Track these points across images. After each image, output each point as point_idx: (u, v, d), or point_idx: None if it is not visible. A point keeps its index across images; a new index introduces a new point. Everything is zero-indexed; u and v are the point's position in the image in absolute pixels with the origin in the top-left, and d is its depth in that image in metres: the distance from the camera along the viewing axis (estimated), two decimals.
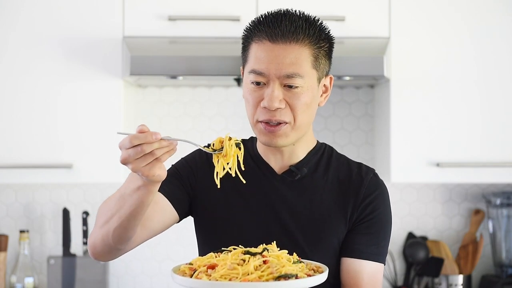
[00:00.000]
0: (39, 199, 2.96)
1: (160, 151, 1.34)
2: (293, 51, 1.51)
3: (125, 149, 1.34)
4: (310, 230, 1.58)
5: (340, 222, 1.59)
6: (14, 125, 2.62)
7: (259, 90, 1.53)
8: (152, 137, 1.33)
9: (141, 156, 1.33)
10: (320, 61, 1.55)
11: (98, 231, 1.53)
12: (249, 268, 1.32)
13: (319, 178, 1.62)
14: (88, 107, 2.62)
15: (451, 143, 2.65)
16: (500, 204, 2.90)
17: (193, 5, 2.62)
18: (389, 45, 2.60)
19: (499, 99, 2.65)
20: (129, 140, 1.33)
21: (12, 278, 2.84)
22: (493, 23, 2.65)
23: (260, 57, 1.52)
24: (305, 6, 2.62)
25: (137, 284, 2.99)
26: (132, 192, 1.42)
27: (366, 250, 1.59)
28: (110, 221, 1.48)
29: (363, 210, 1.59)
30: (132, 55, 2.52)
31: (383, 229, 1.61)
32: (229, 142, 1.43)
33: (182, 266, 1.41)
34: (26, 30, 2.61)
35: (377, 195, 1.61)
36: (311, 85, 1.54)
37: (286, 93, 1.52)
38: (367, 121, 2.99)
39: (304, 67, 1.52)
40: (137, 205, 1.43)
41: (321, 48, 1.56)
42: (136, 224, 1.49)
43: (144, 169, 1.34)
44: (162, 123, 2.98)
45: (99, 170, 2.63)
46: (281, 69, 1.50)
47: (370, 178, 1.62)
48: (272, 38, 1.52)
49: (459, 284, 2.86)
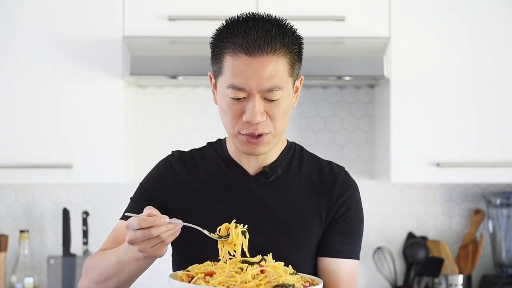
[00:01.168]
0: (39, 199, 2.96)
1: (166, 234, 1.37)
2: (271, 63, 1.49)
3: (133, 230, 1.36)
4: (287, 230, 1.58)
5: (316, 222, 1.60)
6: (14, 125, 2.62)
7: (239, 103, 1.51)
8: (161, 221, 1.36)
9: (148, 238, 1.36)
10: (295, 67, 1.55)
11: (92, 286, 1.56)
12: (247, 277, 1.34)
13: (293, 177, 1.62)
14: (88, 107, 2.62)
15: (451, 143, 2.65)
16: (500, 204, 2.90)
17: (193, 5, 2.62)
18: (389, 45, 2.60)
19: (499, 99, 2.65)
20: (138, 222, 1.35)
21: (12, 278, 2.84)
22: (493, 23, 2.65)
23: (237, 71, 1.49)
24: (305, 6, 2.63)
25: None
26: (131, 261, 1.45)
27: (342, 249, 1.60)
28: (108, 281, 1.52)
29: (338, 210, 1.60)
30: (132, 55, 2.52)
31: (357, 227, 1.63)
32: (235, 230, 1.45)
33: (180, 273, 1.42)
34: (26, 30, 2.61)
35: (350, 194, 1.62)
36: (289, 93, 1.53)
37: (266, 105, 1.50)
38: (367, 121, 2.99)
39: (282, 78, 1.50)
40: (136, 272, 1.49)
41: (294, 53, 1.54)
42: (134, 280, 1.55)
43: (150, 251, 1.38)
44: (162, 123, 2.98)
45: (99, 170, 2.63)
46: (262, 84, 1.48)
47: (342, 177, 1.63)
48: (247, 50, 1.48)
49: (459, 284, 2.86)
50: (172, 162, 1.67)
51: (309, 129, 2.98)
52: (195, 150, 1.69)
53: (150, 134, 2.98)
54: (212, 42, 1.57)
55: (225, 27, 1.54)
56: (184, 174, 1.63)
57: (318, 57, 2.55)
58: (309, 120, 2.98)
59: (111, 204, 2.97)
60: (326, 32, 2.63)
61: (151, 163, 2.92)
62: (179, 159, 1.67)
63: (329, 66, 2.55)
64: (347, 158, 2.98)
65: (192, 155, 1.67)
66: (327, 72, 2.56)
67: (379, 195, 3.00)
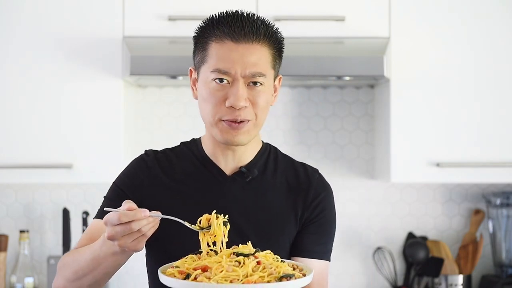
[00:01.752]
0: (39, 199, 2.96)
1: (146, 227, 1.37)
2: (255, 51, 1.52)
3: (112, 226, 1.35)
4: (262, 230, 1.59)
5: (291, 222, 1.61)
6: (14, 125, 2.62)
7: (222, 89, 1.53)
8: (141, 215, 1.35)
9: (129, 233, 1.35)
10: (276, 61, 1.58)
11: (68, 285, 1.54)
12: (248, 270, 1.34)
13: (269, 178, 1.64)
14: (88, 107, 2.62)
15: (451, 143, 2.65)
16: (500, 204, 2.90)
17: (193, 5, 2.62)
18: (389, 45, 2.60)
19: (499, 99, 2.65)
20: (118, 217, 1.34)
21: (12, 278, 2.84)
22: (493, 23, 2.65)
23: (223, 56, 1.52)
24: (305, 6, 2.63)
25: (137, 284, 2.99)
26: (108, 256, 1.44)
27: (315, 249, 1.62)
28: (84, 278, 1.51)
29: (312, 211, 1.62)
30: (132, 55, 2.52)
31: (330, 228, 1.66)
32: (217, 221, 1.45)
33: (170, 270, 1.40)
34: (26, 30, 2.61)
35: (325, 196, 1.65)
36: (269, 85, 1.57)
37: (249, 92, 1.53)
38: (367, 121, 2.98)
39: (265, 66, 1.54)
40: (113, 267, 1.48)
41: (276, 48, 1.57)
42: (110, 277, 1.53)
43: (131, 245, 1.37)
44: (162, 123, 2.98)
45: (99, 170, 2.63)
46: (246, 68, 1.51)
47: (317, 179, 1.66)
48: (234, 37, 1.52)
49: (459, 284, 2.86)
50: (147, 161, 1.67)
51: (309, 129, 2.98)
52: (169, 150, 1.69)
53: (150, 134, 2.98)
54: (195, 35, 1.59)
55: (210, 19, 1.57)
56: (159, 173, 1.64)
57: (318, 57, 2.55)
58: (309, 120, 2.98)
59: None
60: (326, 32, 2.63)
61: None
62: (154, 158, 1.67)
63: (329, 66, 2.55)
64: (347, 158, 2.98)
65: (166, 154, 1.67)
66: (327, 72, 2.56)
67: (379, 195, 3.00)
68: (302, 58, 2.52)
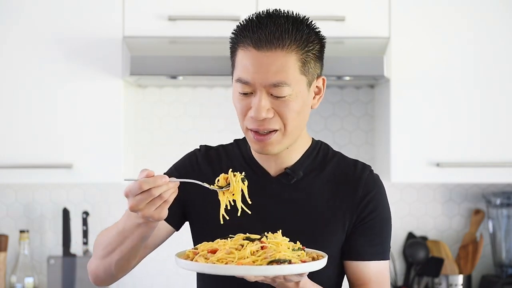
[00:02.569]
0: (39, 199, 2.96)
1: (167, 193, 1.36)
2: (278, 58, 1.46)
3: (133, 196, 1.35)
4: (309, 232, 1.55)
5: (338, 224, 1.57)
6: (14, 125, 2.62)
7: (246, 98, 1.50)
8: (162, 180, 1.35)
9: (151, 200, 1.35)
10: (309, 65, 1.51)
11: (99, 262, 1.57)
12: (245, 253, 1.36)
13: (315, 179, 1.59)
14: (88, 107, 2.62)
15: (451, 143, 2.65)
16: (500, 204, 2.90)
17: (193, 5, 2.62)
18: (389, 45, 2.60)
19: (499, 99, 2.65)
20: (139, 185, 1.34)
21: (12, 278, 2.84)
22: (493, 22, 2.65)
23: (245, 65, 1.48)
24: (305, 6, 2.63)
25: (137, 284, 2.99)
26: (133, 229, 1.45)
27: (370, 251, 1.57)
28: (112, 254, 1.52)
29: (361, 212, 1.57)
30: (132, 55, 2.52)
31: (384, 227, 1.60)
32: (235, 178, 1.46)
33: (187, 251, 1.44)
34: (26, 30, 2.61)
35: (375, 194, 1.59)
36: (300, 91, 1.49)
37: (274, 102, 1.48)
38: (367, 121, 2.99)
39: (291, 74, 1.47)
40: (139, 240, 1.47)
41: (310, 51, 1.51)
42: (137, 254, 1.54)
43: (154, 213, 1.37)
44: (162, 123, 2.98)
45: (99, 170, 2.63)
46: (267, 78, 1.46)
47: (367, 176, 1.59)
48: (256, 44, 1.47)
49: (459, 284, 2.86)
50: (198, 157, 1.65)
51: (309, 129, 2.94)
52: (222, 146, 1.68)
53: (150, 134, 2.98)
54: (230, 39, 1.55)
55: (241, 23, 1.53)
56: (208, 170, 1.62)
57: None
58: (309, 120, 2.96)
59: (111, 204, 2.97)
60: (326, 32, 2.58)
61: (151, 163, 2.95)
62: (205, 154, 1.65)
63: (329, 66, 2.52)
64: None
65: (218, 151, 1.65)
66: (327, 72, 2.53)
67: None
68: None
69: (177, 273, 2.95)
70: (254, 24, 1.49)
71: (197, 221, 1.64)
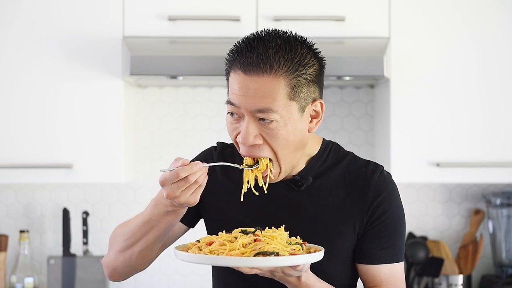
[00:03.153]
0: (39, 199, 2.96)
1: (202, 177, 1.40)
2: (265, 83, 1.42)
3: (170, 184, 1.38)
4: (318, 237, 1.53)
5: (349, 228, 1.54)
6: (14, 125, 2.62)
7: (235, 122, 1.48)
8: (197, 167, 1.38)
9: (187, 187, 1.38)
10: (299, 90, 1.45)
11: (118, 255, 1.58)
12: (236, 245, 1.38)
13: (326, 182, 1.56)
14: (88, 107, 2.62)
15: (452, 143, 2.65)
16: (500, 204, 2.90)
17: (193, 5, 2.62)
18: (389, 45, 2.60)
19: (499, 99, 2.65)
20: (176, 173, 1.37)
21: (12, 278, 2.84)
22: (494, 22, 2.65)
23: (234, 89, 1.45)
24: (305, 6, 2.63)
25: (137, 284, 2.99)
26: (160, 217, 1.47)
27: (381, 254, 1.54)
28: (136, 245, 1.54)
29: (372, 214, 1.54)
30: (132, 55, 2.52)
31: (396, 230, 1.56)
32: None
33: (189, 243, 1.47)
34: (26, 30, 2.61)
35: (386, 195, 1.55)
36: (289, 118, 1.45)
37: (261, 128, 1.45)
38: (367, 121, 2.99)
39: (278, 100, 1.42)
40: (166, 228, 1.50)
41: (301, 76, 1.45)
42: (160, 245, 1.56)
43: (190, 198, 1.40)
44: (162, 123, 2.98)
45: (99, 170, 2.63)
46: (253, 104, 1.42)
47: (377, 177, 1.56)
48: (244, 69, 1.43)
49: (459, 284, 2.86)
50: (213, 155, 1.65)
51: None
52: None
53: (150, 134, 2.98)
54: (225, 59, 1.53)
55: (235, 44, 1.49)
56: (221, 172, 1.62)
57: None
58: None
59: (111, 204, 2.97)
60: (326, 32, 2.63)
61: (151, 163, 2.96)
62: (220, 152, 1.65)
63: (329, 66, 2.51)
64: None
65: (233, 151, 1.62)
66: (327, 72, 2.49)
67: None
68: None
69: (177, 272, 2.95)
70: (244, 47, 1.45)
71: (211, 220, 1.65)
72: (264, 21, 2.59)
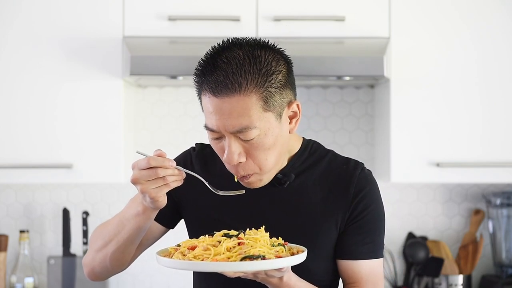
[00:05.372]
0: (39, 199, 2.96)
1: (171, 177, 1.39)
2: (237, 103, 1.41)
3: (139, 170, 1.38)
4: (301, 234, 1.55)
5: (331, 224, 1.56)
6: (14, 125, 2.62)
7: (219, 142, 1.48)
8: (169, 163, 1.38)
9: (153, 179, 1.38)
10: (273, 100, 1.44)
11: (95, 254, 1.59)
12: (221, 249, 1.37)
13: (307, 179, 1.58)
14: (88, 107, 2.62)
15: (452, 143, 2.65)
16: (500, 204, 2.90)
17: (193, 5, 2.62)
18: (389, 45, 2.60)
19: (499, 99, 2.65)
20: (147, 161, 1.37)
21: (12, 278, 2.84)
22: (494, 22, 2.65)
23: (208, 112, 1.45)
24: (305, 6, 2.63)
25: (137, 284, 2.99)
26: (131, 217, 1.48)
27: (362, 250, 1.57)
28: (109, 245, 1.54)
29: (354, 210, 1.56)
30: (132, 55, 2.52)
31: (377, 226, 1.59)
32: None
33: (170, 248, 1.46)
34: (25, 30, 2.61)
35: (367, 192, 1.57)
36: (269, 128, 1.45)
37: (244, 145, 1.45)
38: (367, 121, 2.99)
39: (254, 116, 1.42)
40: (134, 230, 1.49)
41: (271, 85, 1.43)
42: (133, 248, 1.55)
43: (152, 191, 1.39)
44: (162, 123, 2.98)
45: (99, 170, 2.63)
46: (230, 125, 1.42)
47: (359, 174, 1.58)
48: (213, 91, 1.42)
49: (459, 284, 2.86)
50: (192, 157, 1.66)
51: (309, 129, 2.98)
52: None
53: (150, 134, 2.98)
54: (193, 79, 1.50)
55: (201, 62, 1.47)
56: (201, 172, 1.62)
57: (318, 57, 2.55)
58: (309, 120, 2.98)
59: (111, 204, 2.97)
60: (326, 32, 2.63)
61: None
62: (200, 153, 1.66)
63: (329, 66, 2.55)
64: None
65: (212, 151, 1.62)
66: (327, 72, 2.56)
67: None
68: (302, 58, 2.51)
69: (177, 272, 2.95)
70: (208, 68, 1.43)
71: (192, 218, 1.65)
72: (264, 21, 2.59)
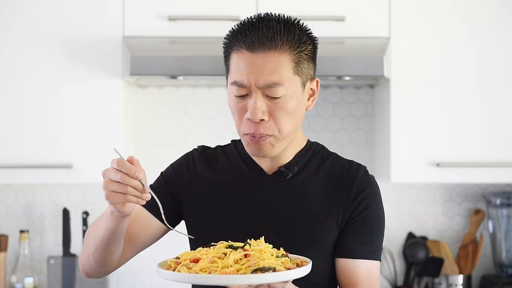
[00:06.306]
0: (39, 199, 2.96)
1: (131, 190, 1.38)
2: (272, 60, 1.48)
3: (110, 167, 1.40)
4: (302, 230, 1.57)
5: (332, 221, 1.58)
6: (14, 125, 2.62)
7: (242, 101, 1.52)
8: (134, 173, 1.38)
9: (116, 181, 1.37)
10: (302, 66, 1.52)
11: (84, 252, 1.61)
12: (228, 261, 1.34)
13: (310, 177, 1.61)
14: (88, 107, 2.62)
15: (452, 143, 2.65)
16: (500, 204, 2.90)
17: (193, 5, 2.62)
18: (389, 45, 2.60)
19: (499, 99, 2.65)
20: (118, 162, 1.38)
21: (12, 278, 2.84)
22: (494, 22, 2.65)
23: (239, 67, 1.50)
24: (305, 6, 2.63)
25: (137, 284, 2.99)
26: (104, 218, 1.49)
27: (360, 249, 1.58)
28: (90, 244, 1.56)
29: (355, 209, 1.58)
30: (132, 55, 2.52)
31: (376, 227, 1.61)
32: None
33: (169, 261, 1.43)
34: (26, 30, 2.61)
35: (368, 192, 1.60)
36: (294, 92, 1.51)
37: (269, 104, 1.50)
38: (367, 121, 2.99)
39: (284, 75, 1.49)
40: (106, 232, 1.49)
41: (302, 52, 1.52)
42: (112, 250, 1.54)
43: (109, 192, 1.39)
44: (162, 123, 2.98)
45: (99, 170, 2.57)
46: (261, 79, 1.48)
47: (361, 176, 1.61)
48: (249, 47, 1.49)
49: (459, 284, 2.86)
50: (195, 157, 1.68)
51: (309, 129, 2.98)
52: (220, 147, 1.70)
53: (150, 134, 2.98)
54: (223, 45, 1.57)
55: (234, 27, 1.55)
56: (204, 170, 1.64)
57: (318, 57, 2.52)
58: (309, 120, 2.98)
59: None
60: (326, 32, 2.63)
61: (151, 163, 2.96)
62: (202, 154, 1.68)
63: (329, 66, 2.55)
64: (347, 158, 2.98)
65: (216, 151, 1.68)
66: (327, 72, 2.56)
67: None
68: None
69: None
70: (246, 28, 1.51)
71: (192, 219, 1.65)
72: None
